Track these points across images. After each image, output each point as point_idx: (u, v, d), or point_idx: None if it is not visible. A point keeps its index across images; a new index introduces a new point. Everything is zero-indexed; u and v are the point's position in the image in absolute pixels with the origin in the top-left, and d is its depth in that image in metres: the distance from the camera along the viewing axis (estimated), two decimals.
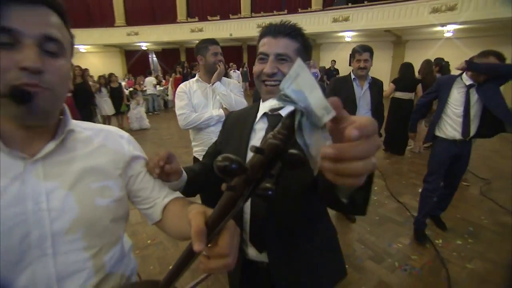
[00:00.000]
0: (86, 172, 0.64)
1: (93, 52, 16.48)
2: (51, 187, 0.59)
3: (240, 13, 14.53)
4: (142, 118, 7.75)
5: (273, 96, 0.92)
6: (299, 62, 0.31)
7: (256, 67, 0.93)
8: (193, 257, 0.45)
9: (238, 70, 12.55)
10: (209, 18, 14.57)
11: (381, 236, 2.67)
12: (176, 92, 2.09)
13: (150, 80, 10.25)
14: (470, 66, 2.21)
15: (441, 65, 4.53)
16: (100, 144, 0.70)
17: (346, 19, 11.63)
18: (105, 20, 15.37)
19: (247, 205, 0.95)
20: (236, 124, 1.04)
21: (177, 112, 2.03)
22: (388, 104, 4.75)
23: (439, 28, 10.51)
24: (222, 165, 0.32)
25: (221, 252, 0.41)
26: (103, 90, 7.03)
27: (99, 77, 7.42)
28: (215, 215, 0.40)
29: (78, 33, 14.52)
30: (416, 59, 5.10)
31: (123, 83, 9.07)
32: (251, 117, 0.99)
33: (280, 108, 0.73)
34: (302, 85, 0.31)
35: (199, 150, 2.10)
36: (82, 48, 15.86)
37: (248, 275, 1.03)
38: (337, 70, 10.62)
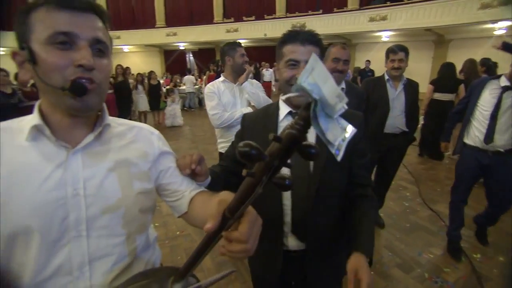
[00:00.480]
0: (118, 164, 0.70)
1: (135, 52, 17.45)
2: (87, 175, 0.65)
3: (275, 14, 14.54)
4: (176, 116, 8.05)
5: (301, 99, 0.98)
6: (314, 56, 0.34)
7: (287, 73, 0.99)
8: (211, 242, 0.48)
9: (271, 69, 12.59)
10: (244, 18, 14.75)
11: (410, 244, 2.56)
12: (205, 93, 2.21)
13: (190, 78, 10.68)
14: (505, 45, 2.06)
15: (488, 65, 4.18)
16: (132, 139, 0.76)
17: (384, 18, 11.13)
18: (147, 21, 16.19)
19: (287, 198, 1.01)
20: (258, 124, 1.10)
21: (210, 112, 2.13)
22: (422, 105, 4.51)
23: (489, 26, 9.65)
24: (243, 151, 0.34)
25: (239, 237, 0.44)
26: (139, 87, 7.44)
27: (137, 74, 7.86)
28: (236, 200, 0.43)
29: (123, 34, 15.58)
30: (460, 59, 4.71)
31: (161, 81, 9.53)
32: (273, 116, 1.06)
33: (296, 96, 0.87)
34: (317, 78, 0.33)
35: (226, 146, 2.18)
36: (125, 48, 16.87)
37: (284, 263, 1.09)
38: (372, 71, 10.03)
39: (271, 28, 13.82)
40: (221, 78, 2.24)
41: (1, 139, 0.62)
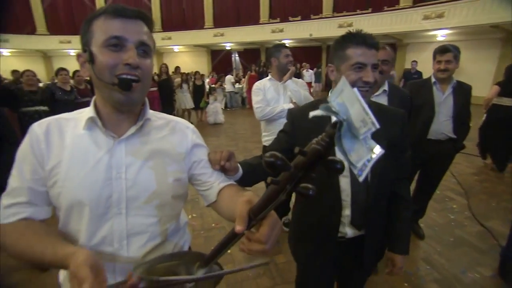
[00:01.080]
0: (156, 154, 0.78)
1: (185, 52, 18.43)
2: (129, 162, 0.75)
3: (322, 13, 14.26)
4: (218, 113, 8.34)
5: (364, 100, 1.03)
6: (343, 79, 0.38)
7: (353, 76, 1.02)
8: (235, 238, 0.53)
9: (312, 69, 12.38)
10: (290, 18, 14.71)
11: (453, 260, 2.37)
12: (253, 89, 2.48)
13: (229, 78, 10.94)
14: None
15: None
16: (169, 132, 0.84)
17: (440, 16, 10.23)
18: (196, 23, 16.97)
19: (347, 194, 1.10)
20: (308, 122, 1.10)
21: (254, 106, 2.41)
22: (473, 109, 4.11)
23: None
24: (269, 161, 0.37)
25: (260, 239, 0.49)
26: (184, 86, 7.84)
27: (181, 74, 8.26)
28: (260, 204, 0.47)
29: (174, 35, 16.56)
30: None
31: (206, 80, 9.94)
32: (327, 117, 1.08)
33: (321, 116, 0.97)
34: (345, 99, 0.37)
35: (269, 140, 2.38)
36: (176, 48, 17.90)
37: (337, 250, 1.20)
38: (419, 73, 9.06)
39: (317, 28, 13.59)
40: (269, 77, 2.49)
41: (66, 128, 0.76)
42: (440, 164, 2.49)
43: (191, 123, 0.96)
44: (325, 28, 13.26)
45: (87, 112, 0.76)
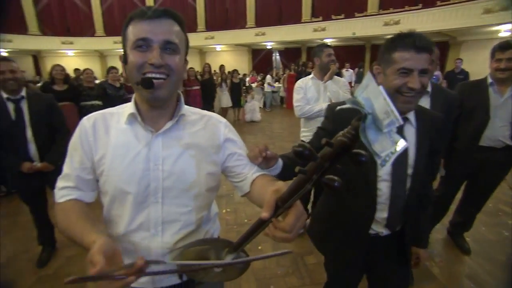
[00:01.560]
0: (190, 147, 0.83)
1: (226, 51, 18.85)
2: (165, 154, 0.80)
3: (366, 11, 13.65)
4: (255, 111, 8.46)
5: (410, 106, 1.02)
6: (368, 75, 0.39)
7: (397, 81, 0.99)
8: (262, 225, 0.56)
9: (353, 69, 11.93)
10: (333, 17, 14.31)
11: (504, 282, 2.15)
12: (295, 87, 2.56)
13: (267, 78, 11.01)
14: None
15: None
16: (202, 126, 0.89)
17: (505, 9, 9.16)
18: (238, 22, 17.26)
19: (386, 197, 1.11)
20: (349, 119, 1.12)
21: (294, 104, 2.50)
22: None
23: None
24: (298, 150, 0.40)
25: (284, 227, 0.52)
26: (223, 85, 8.06)
27: (221, 73, 8.50)
28: (287, 193, 0.49)
29: (217, 34, 17.02)
30: None
31: (247, 79, 10.08)
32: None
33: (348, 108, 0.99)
34: (370, 93, 0.38)
35: (308, 135, 2.49)
36: (218, 47, 18.40)
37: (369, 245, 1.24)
38: (464, 73, 8.14)
39: (361, 27, 13.03)
40: (311, 75, 2.55)
41: (110, 122, 0.84)
42: (494, 174, 2.25)
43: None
44: (370, 26, 12.67)
45: (129, 107, 0.83)
